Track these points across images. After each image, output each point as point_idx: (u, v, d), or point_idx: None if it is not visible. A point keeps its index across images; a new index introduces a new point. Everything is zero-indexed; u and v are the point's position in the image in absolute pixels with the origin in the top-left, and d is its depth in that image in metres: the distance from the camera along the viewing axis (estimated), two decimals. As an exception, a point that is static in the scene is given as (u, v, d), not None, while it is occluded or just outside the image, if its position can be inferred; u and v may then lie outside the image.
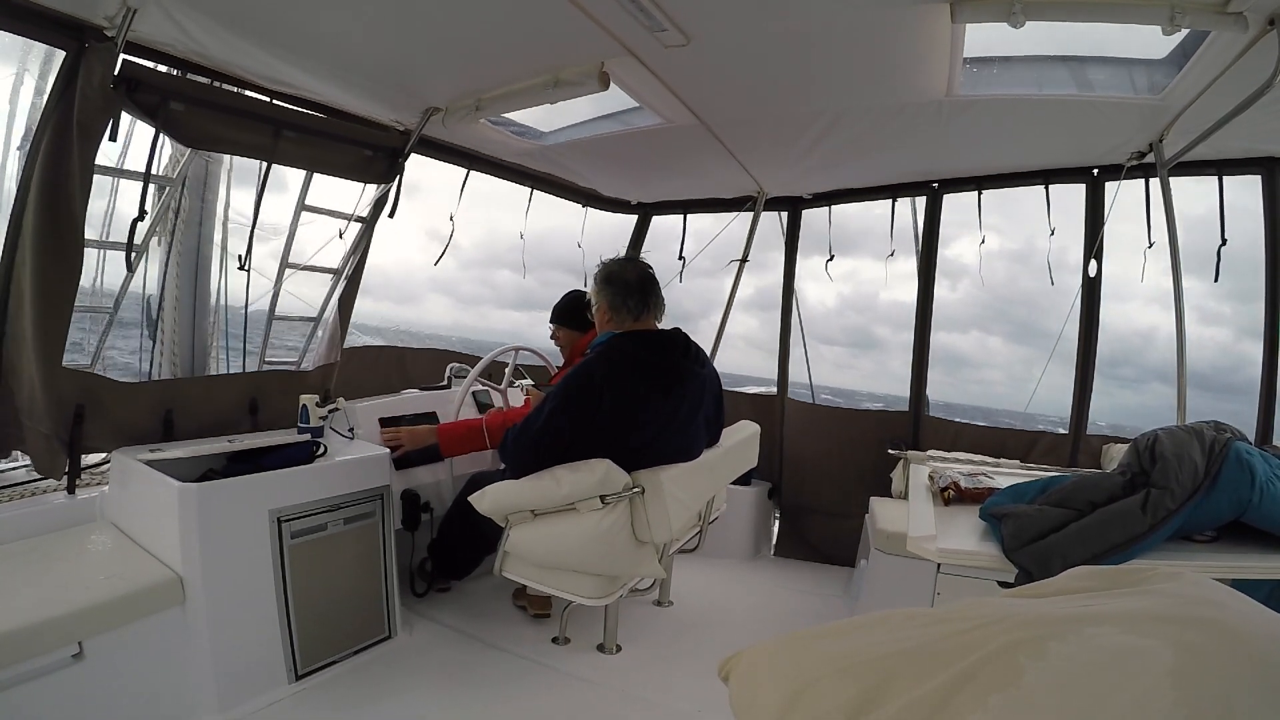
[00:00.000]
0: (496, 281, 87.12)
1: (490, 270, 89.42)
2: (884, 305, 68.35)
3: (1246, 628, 0.85)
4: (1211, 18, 1.77)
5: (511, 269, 4.27)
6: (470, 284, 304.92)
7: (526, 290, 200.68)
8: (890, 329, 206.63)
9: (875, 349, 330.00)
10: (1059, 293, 3.59)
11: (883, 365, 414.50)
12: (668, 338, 2.44)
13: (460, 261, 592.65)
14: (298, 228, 3.00)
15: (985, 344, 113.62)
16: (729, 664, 1.13)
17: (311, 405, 2.59)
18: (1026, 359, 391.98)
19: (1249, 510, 1.77)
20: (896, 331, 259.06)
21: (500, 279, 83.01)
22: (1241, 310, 55.76)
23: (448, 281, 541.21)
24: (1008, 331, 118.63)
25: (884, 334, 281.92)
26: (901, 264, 3.85)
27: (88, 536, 2.24)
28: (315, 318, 3.23)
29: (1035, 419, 3.73)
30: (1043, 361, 3.82)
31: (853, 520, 3.64)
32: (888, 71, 2.31)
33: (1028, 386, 10.03)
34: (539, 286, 28.48)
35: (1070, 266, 3.37)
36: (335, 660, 2.35)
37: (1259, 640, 0.82)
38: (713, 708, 2.22)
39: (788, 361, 4.27)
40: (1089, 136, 2.82)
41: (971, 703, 0.82)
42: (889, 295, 3.60)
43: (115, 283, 2.67)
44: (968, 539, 1.96)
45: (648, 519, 2.22)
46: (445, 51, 2.28)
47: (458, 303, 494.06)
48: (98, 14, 1.98)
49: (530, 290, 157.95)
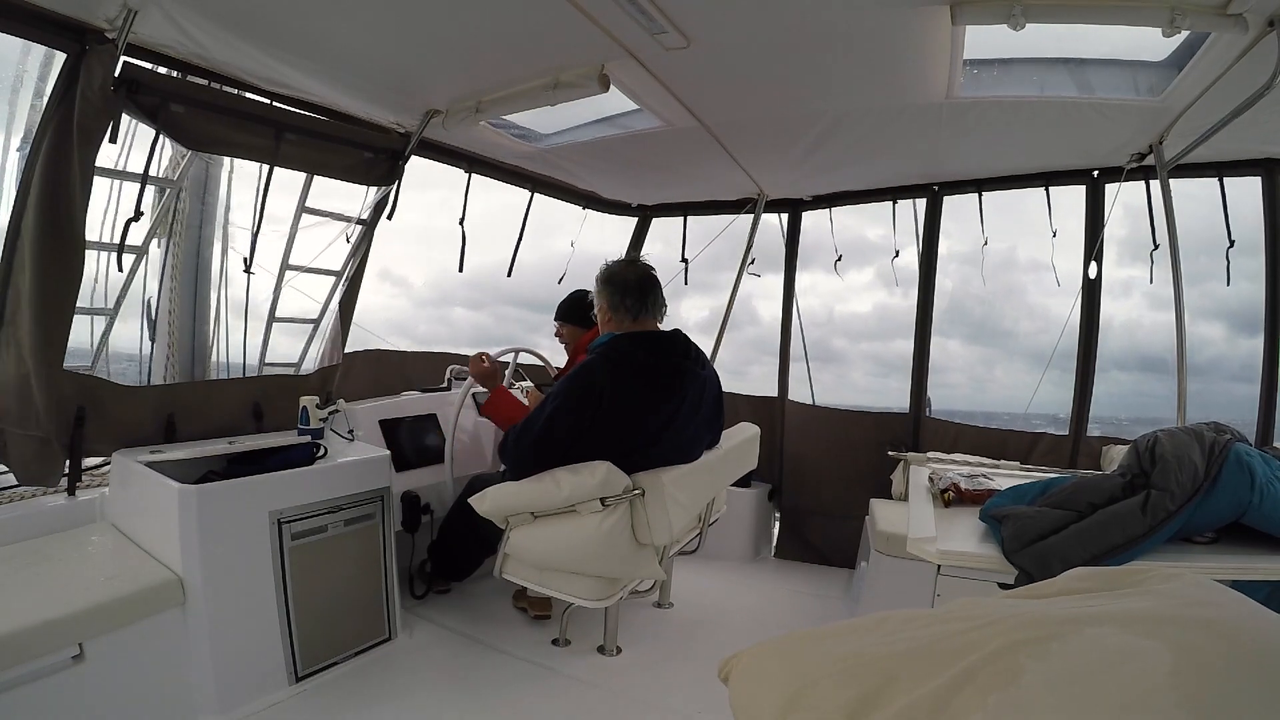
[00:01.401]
0: (452, 319, 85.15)
1: (444, 309, 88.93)
2: (841, 317, 66.31)
3: (1246, 629, 0.85)
4: (1211, 19, 1.77)
5: (465, 306, 4.29)
6: (427, 324, 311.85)
7: (482, 327, 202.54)
8: (848, 340, 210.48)
9: (835, 362, 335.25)
10: (1012, 291, 3.68)
11: (843, 377, 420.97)
12: (667, 339, 2.44)
13: (414, 301, 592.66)
14: (298, 230, 3.00)
15: (946, 348, 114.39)
16: (729, 665, 1.13)
17: (312, 407, 2.59)
18: (986, 359, 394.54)
19: (1249, 512, 1.77)
20: (854, 342, 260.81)
21: (455, 316, 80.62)
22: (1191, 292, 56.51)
23: (403, 323, 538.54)
24: (965, 334, 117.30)
25: (842, 345, 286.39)
26: (856, 275, 3.88)
27: (88, 538, 2.24)
28: (316, 320, 3.23)
29: (1032, 419, 3.73)
30: (1000, 360, 3.89)
31: (853, 522, 3.64)
32: (888, 74, 2.32)
33: (989, 386, 9.98)
34: (494, 322, 28.55)
35: (1022, 265, 3.40)
36: (335, 662, 2.35)
37: (1258, 641, 0.82)
38: (713, 709, 2.22)
39: (788, 363, 4.27)
40: (1089, 138, 2.82)
41: (972, 703, 0.82)
42: (844, 308, 3.71)
43: (117, 285, 2.67)
44: (968, 541, 1.95)
45: (648, 521, 2.22)
46: (446, 54, 2.29)
47: (416, 343, 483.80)
48: (98, 16, 1.98)
49: (485, 327, 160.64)
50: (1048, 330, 3.48)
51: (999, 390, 76.81)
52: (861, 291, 48.73)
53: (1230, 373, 8.92)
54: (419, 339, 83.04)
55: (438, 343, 3.50)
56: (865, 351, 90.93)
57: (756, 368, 4.45)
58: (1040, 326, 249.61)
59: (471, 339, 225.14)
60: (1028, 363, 19.57)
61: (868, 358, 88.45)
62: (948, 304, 8.80)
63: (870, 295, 55.75)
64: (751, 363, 4.63)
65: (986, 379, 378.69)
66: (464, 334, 78.46)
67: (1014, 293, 62.07)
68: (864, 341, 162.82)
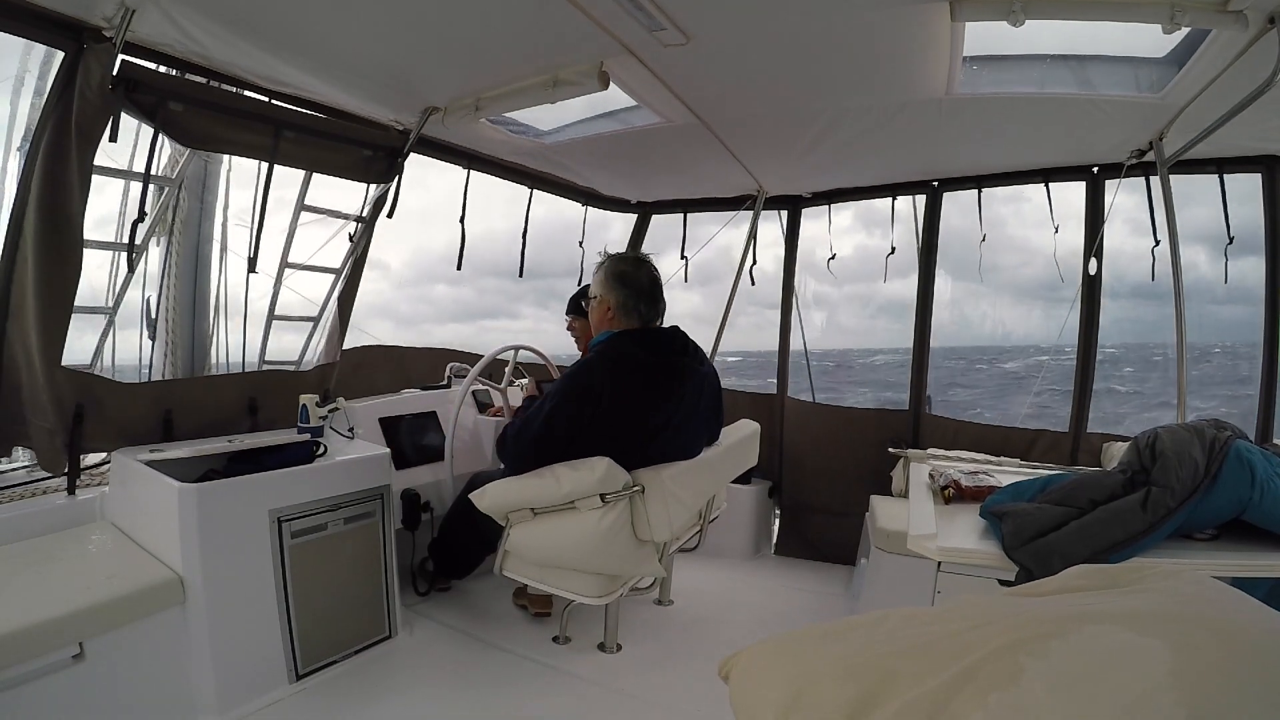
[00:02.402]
0: (433, 297, 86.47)
1: (424, 287, 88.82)
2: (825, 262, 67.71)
3: (1246, 627, 0.85)
4: (1212, 16, 1.77)
5: (447, 283, 4.26)
6: (408, 303, 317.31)
7: (465, 301, 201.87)
8: (832, 284, 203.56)
9: (822, 306, 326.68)
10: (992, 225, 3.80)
11: (831, 319, 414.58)
12: (666, 336, 2.44)
13: (393, 282, 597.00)
14: (297, 227, 3.00)
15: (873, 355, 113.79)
16: (729, 663, 1.13)
17: (311, 405, 2.59)
18: (972, 293, 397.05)
19: (1249, 508, 1.77)
20: (838, 286, 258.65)
21: (437, 294, 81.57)
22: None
23: (385, 305, 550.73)
24: (948, 269, 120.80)
25: (828, 290, 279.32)
26: (837, 218, 3.97)
27: (88, 537, 2.24)
28: (315, 317, 3.23)
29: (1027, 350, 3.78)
30: (986, 294, 3.96)
31: (853, 519, 3.64)
32: (888, 70, 2.31)
33: (974, 321, 9.98)
34: (476, 295, 28.37)
35: (1000, 197, 3.43)
36: (336, 660, 2.35)
37: (1258, 639, 0.82)
38: (713, 706, 2.22)
39: (787, 360, 4.27)
40: (1089, 135, 2.82)
41: (972, 702, 0.82)
42: (826, 253, 3.62)
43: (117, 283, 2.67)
44: (968, 537, 1.96)
45: (648, 518, 2.22)
46: (445, 51, 2.28)
47: (399, 324, 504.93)
48: (96, 14, 1.98)
49: (468, 301, 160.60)
50: (1030, 264, 3.49)
51: (988, 325, 76.47)
52: (841, 236, 49.13)
53: (1215, 296, 9.10)
54: (402, 319, 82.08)
55: (421, 320, 3.47)
56: (850, 294, 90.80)
57: (742, 319, 4.38)
58: (1023, 260, 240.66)
59: (454, 313, 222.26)
60: (1014, 296, 19.80)
61: (853, 299, 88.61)
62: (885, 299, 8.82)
63: (850, 239, 54.64)
64: (738, 314, 4.57)
65: (973, 314, 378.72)
66: (447, 310, 77.48)
67: (994, 226, 63.32)
68: (848, 284, 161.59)
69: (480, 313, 69.03)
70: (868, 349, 18.50)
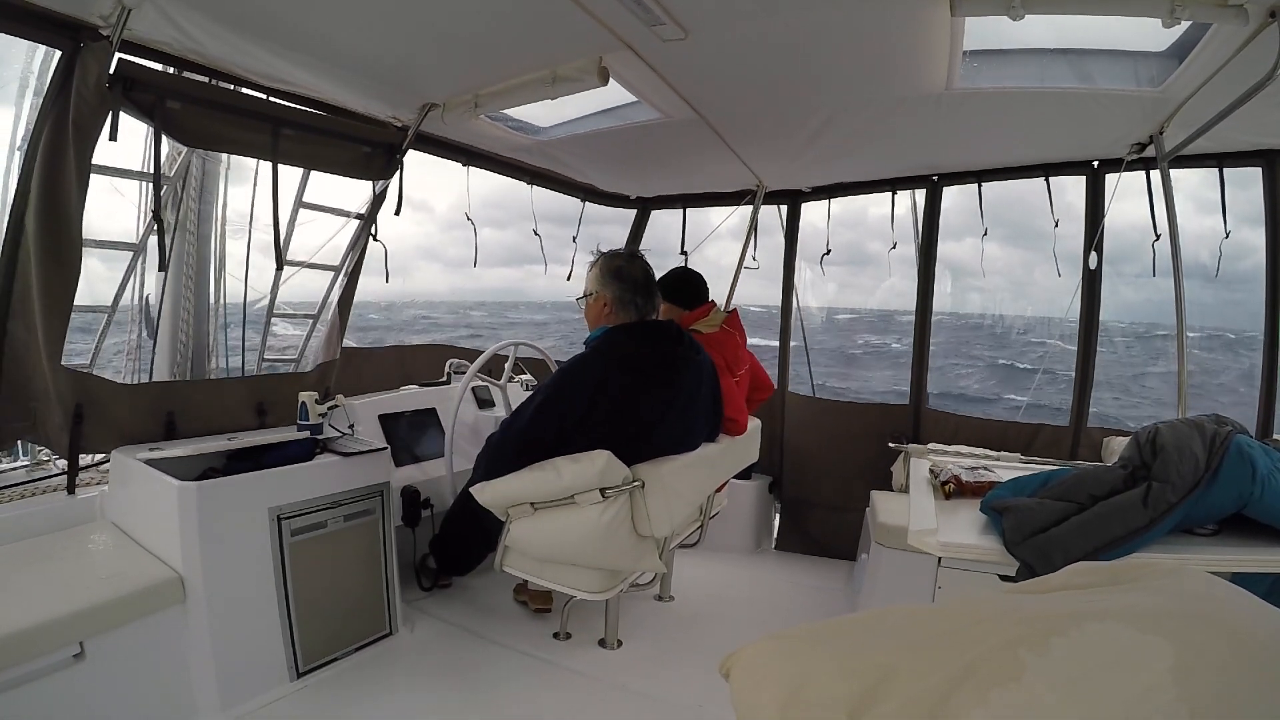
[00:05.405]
0: (480, 240, 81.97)
1: (469, 230, 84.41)
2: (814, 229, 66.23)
3: (1247, 624, 0.85)
4: (1212, 10, 1.76)
5: (493, 226, 4.22)
6: (455, 246, 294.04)
7: (513, 246, 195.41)
8: (819, 244, 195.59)
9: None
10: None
11: (819, 281, 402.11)
12: (660, 328, 2.44)
13: (440, 224, 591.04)
14: (296, 225, 2.99)
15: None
16: (730, 661, 1.13)
17: (310, 403, 2.58)
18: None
19: (1250, 504, 1.77)
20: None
21: (483, 237, 78.60)
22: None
23: (433, 248, 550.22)
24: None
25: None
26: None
27: (88, 536, 2.24)
28: (315, 315, 3.23)
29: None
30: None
31: (853, 514, 3.65)
32: (887, 65, 2.30)
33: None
34: (523, 239, 27.90)
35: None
36: (336, 657, 2.35)
37: (1259, 636, 0.82)
38: (714, 701, 2.23)
39: (787, 355, 4.27)
40: (1089, 129, 2.81)
41: (972, 699, 0.82)
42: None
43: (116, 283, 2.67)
44: (969, 532, 1.96)
45: (648, 513, 2.22)
46: (443, 47, 2.27)
47: (447, 267, 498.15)
48: (92, 13, 1.96)
49: (517, 245, 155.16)
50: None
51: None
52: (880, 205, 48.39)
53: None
54: (450, 262, 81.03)
55: (467, 265, 3.42)
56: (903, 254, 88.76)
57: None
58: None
59: (501, 259, 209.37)
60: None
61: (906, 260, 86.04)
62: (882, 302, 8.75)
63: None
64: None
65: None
66: (495, 254, 76.86)
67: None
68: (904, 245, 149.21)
69: (526, 258, 69.00)
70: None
